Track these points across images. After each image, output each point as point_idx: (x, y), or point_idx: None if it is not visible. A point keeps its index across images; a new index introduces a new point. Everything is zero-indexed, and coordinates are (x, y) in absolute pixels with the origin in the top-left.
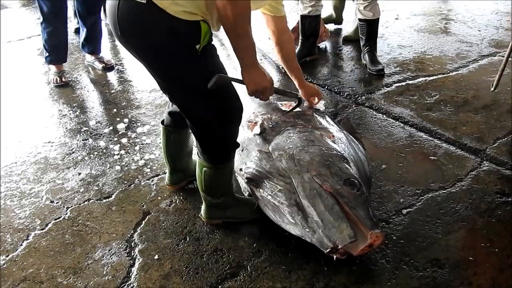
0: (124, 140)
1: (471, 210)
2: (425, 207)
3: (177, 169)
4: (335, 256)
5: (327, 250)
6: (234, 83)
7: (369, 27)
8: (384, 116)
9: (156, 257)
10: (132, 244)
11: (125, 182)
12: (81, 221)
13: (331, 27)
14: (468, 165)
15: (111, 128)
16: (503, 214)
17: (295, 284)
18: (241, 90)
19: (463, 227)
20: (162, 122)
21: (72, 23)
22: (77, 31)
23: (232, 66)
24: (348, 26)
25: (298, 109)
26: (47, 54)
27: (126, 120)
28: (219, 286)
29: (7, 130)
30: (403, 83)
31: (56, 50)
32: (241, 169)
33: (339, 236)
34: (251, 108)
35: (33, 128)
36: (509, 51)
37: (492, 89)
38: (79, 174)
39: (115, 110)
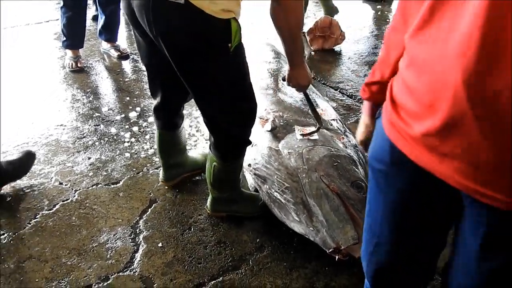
0: (135, 128)
1: None
2: None
3: (172, 166)
4: (337, 257)
5: (330, 250)
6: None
7: None
8: None
9: (160, 244)
10: (137, 230)
11: (134, 169)
12: (88, 204)
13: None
14: None
15: (123, 115)
16: None
17: (296, 281)
18: (255, 87)
19: None
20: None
21: (91, 10)
22: (95, 18)
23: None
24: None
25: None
26: (65, 38)
27: (138, 108)
28: (220, 278)
29: (20, 111)
30: None
31: (73, 36)
32: (249, 165)
33: (342, 237)
34: (263, 105)
35: (46, 110)
36: None
37: None
38: (89, 158)
39: (128, 98)
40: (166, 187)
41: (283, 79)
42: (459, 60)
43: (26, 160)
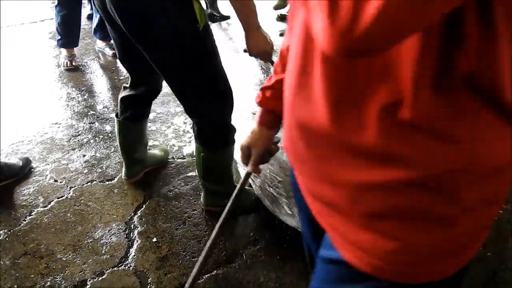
0: None
1: None
2: None
3: (135, 161)
4: None
5: None
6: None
7: None
8: None
9: (154, 239)
10: (132, 226)
11: None
12: (83, 201)
13: None
14: None
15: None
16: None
17: (289, 274)
18: (241, 80)
19: None
20: (117, 115)
21: (86, 9)
22: (89, 17)
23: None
24: None
25: None
26: (59, 37)
27: None
28: (215, 271)
29: (16, 109)
30: None
31: (68, 34)
32: None
33: None
34: None
35: (41, 109)
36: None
37: None
38: (84, 156)
39: None
40: (160, 183)
41: (244, 51)
42: (290, 77)
43: (23, 165)
